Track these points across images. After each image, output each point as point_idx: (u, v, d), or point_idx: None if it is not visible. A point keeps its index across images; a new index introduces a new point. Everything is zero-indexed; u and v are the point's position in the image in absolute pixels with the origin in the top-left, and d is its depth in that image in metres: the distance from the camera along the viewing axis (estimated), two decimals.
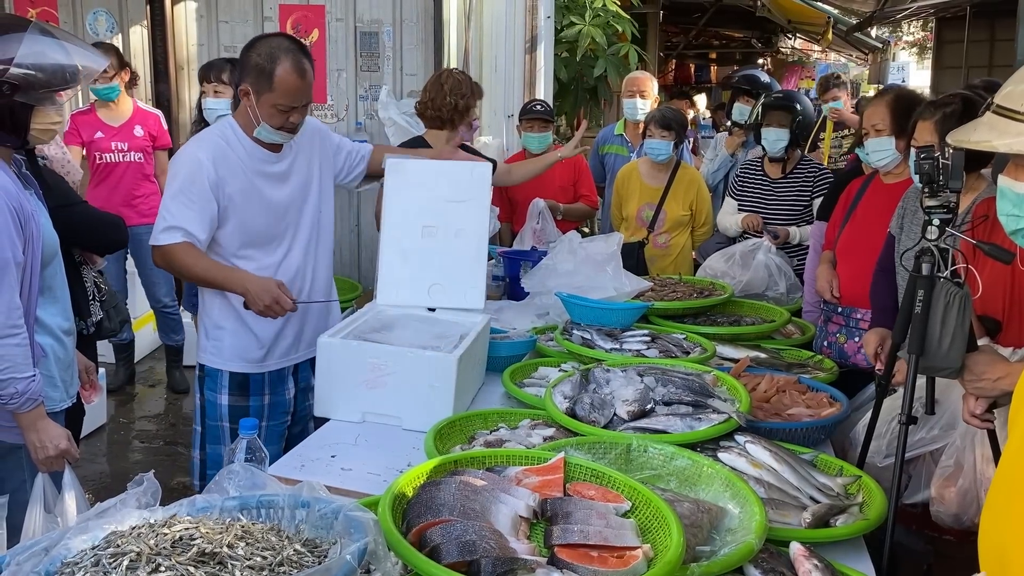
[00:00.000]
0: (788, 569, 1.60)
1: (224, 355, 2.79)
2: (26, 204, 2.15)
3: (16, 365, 2.10)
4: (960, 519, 2.15)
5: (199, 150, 2.64)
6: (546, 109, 4.55)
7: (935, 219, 2.05)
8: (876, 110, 3.14)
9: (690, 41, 16.19)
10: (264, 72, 2.57)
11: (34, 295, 2.23)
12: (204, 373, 2.83)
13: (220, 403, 2.80)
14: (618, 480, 1.71)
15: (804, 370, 2.84)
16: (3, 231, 2.07)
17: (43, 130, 2.18)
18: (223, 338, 2.78)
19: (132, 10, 5.89)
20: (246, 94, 2.61)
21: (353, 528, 1.29)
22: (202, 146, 2.66)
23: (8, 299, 2.08)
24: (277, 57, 2.58)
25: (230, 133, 2.69)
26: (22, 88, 2.07)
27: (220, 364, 2.79)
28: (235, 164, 2.66)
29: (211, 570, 1.15)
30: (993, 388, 1.91)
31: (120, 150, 4.82)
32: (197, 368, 2.86)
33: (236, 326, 2.76)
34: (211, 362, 2.81)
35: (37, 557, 1.24)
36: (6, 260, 2.08)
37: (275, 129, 2.64)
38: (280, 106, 2.60)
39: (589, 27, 7.33)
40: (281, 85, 2.57)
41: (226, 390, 2.80)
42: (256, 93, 2.59)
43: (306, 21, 5.60)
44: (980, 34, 11.63)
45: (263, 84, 2.58)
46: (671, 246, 4.37)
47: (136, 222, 4.79)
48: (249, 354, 2.79)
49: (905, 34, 20.33)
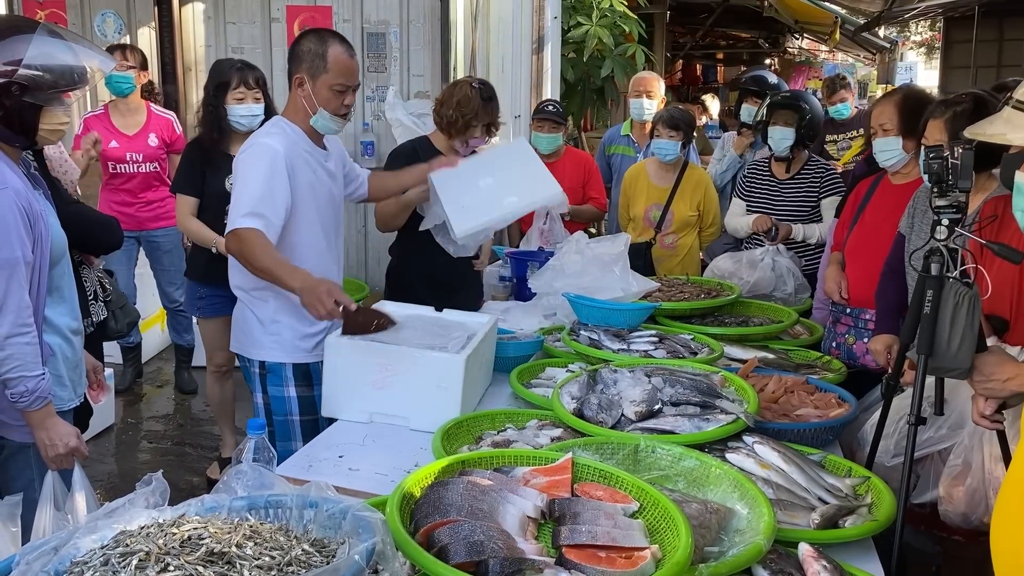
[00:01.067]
0: (797, 570, 1.59)
1: (286, 348, 2.80)
2: (35, 204, 2.17)
3: (26, 364, 2.12)
4: (968, 518, 2.14)
5: (271, 139, 2.68)
6: (557, 110, 4.54)
7: (944, 219, 2.04)
8: (884, 110, 3.13)
9: (697, 41, 16.15)
10: (318, 55, 2.67)
11: (42, 294, 2.24)
12: (266, 370, 2.83)
13: (288, 396, 2.82)
14: (626, 480, 1.70)
15: (812, 371, 2.83)
16: (12, 230, 2.08)
17: (51, 130, 2.20)
18: (281, 332, 2.79)
19: (140, 11, 5.91)
20: (301, 83, 2.70)
21: (361, 528, 1.29)
22: (272, 137, 2.69)
23: (18, 298, 2.10)
24: (327, 40, 2.71)
25: (288, 128, 2.74)
26: (30, 89, 2.09)
27: (283, 357, 2.81)
28: (300, 156, 2.72)
29: (220, 570, 1.16)
30: (1003, 389, 1.90)
31: (135, 161, 4.75)
32: (256, 366, 2.85)
33: (291, 319, 2.77)
34: (273, 356, 2.82)
35: (46, 556, 1.24)
36: (16, 259, 2.09)
37: (332, 115, 2.72)
38: (336, 86, 2.69)
39: (596, 27, 7.31)
40: (335, 65, 2.68)
41: (292, 382, 2.82)
42: (312, 78, 2.68)
43: (313, 22, 5.61)
44: (989, 34, 11.58)
45: (318, 66, 2.67)
46: (678, 246, 4.37)
47: (153, 226, 4.80)
48: (307, 343, 2.81)
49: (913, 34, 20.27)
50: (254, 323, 2.84)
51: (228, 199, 3.71)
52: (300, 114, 2.74)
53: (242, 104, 3.74)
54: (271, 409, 2.86)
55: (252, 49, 5.65)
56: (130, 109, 4.80)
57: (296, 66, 2.72)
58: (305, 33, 2.79)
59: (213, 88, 3.77)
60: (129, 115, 4.79)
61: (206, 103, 3.80)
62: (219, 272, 3.73)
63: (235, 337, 2.94)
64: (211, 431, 4.66)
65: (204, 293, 3.90)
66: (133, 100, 4.79)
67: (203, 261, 3.83)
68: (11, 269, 2.08)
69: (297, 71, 2.71)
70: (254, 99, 3.76)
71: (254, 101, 3.76)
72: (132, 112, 4.80)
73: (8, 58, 2.06)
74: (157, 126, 4.82)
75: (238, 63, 3.84)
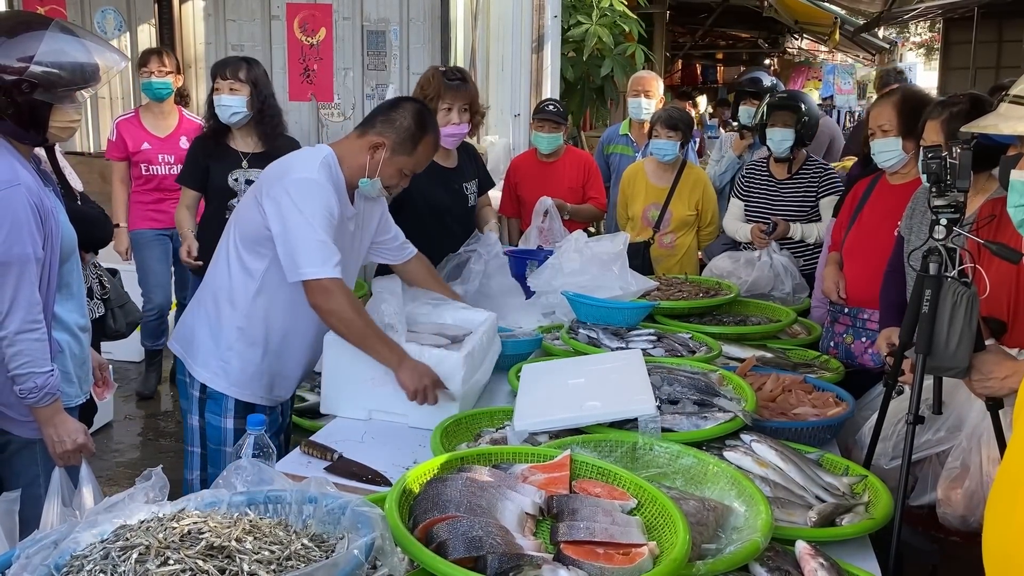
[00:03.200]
0: (794, 568, 1.60)
1: (231, 380, 2.60)
2: (46, 200, 2.17)
3: (35, 360, 2.12)
4: (967, 521, 2.14)
5: (322, 176, 2.45)
6: (558, 110, 4.53)
7: (942, 219, 2.05)
8: (882, 111, 3.14)
9: (697, 41, 16.19)
10: (412, 137, 2.55)
11: (52, 291, 2.25)
12: (206, 395, 2.62)
13: (225, 427, 2.63)
14: (624, 478, 1.71)
15: (810, 370, 2.84)
16: (24, 227, 2.08)
17: (62, 128, 2.19)
18: (231, 360, 2.59)
19: (140, 9, 5.91)
20: (378, 147, 2.53)
21: (360, 523, 1.30)
22: (322, 174, 2.46)
23: (28, 295, 2.10)
24: (427, 127, 2.60)
25: (334, 170, 2.52)
26: (42, 86, 2.08)
27: (226, 389, 2.60)
28: (338, 199, 2.51)
29: (220, 564, 1.16)
30: (1001, 387, 1.91)
31: (167, 163, 4.72)
32: (197, 388, 2.63)
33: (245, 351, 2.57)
34: (216, 384, 2.60)
35: (46, 550, 1.25)
36: (27, 256, 2.09)
37: (382, 187, 2.60)
38: (407, 170, 2.60)
39: (596, 27, 7.33)
40: (422, 156, 2.61)
41: (232, 414, 2.62)
42: (392, 152, 2.54)
43: (313, 20, 5.62)
44: (988, 35, 11.60)
45: (406, 147, 2.55)
46: (676, 246, 4.37)
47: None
48: (255, 384, 2.62)
49: (912, 35, 20.29)
50: (205, 337, 2.61)
51: (231, 194, 3.77)
52: (354, 168, 2.54)
53: (219, 95, 3.78)
54: (205, 435, 2.65)
55: (252, 47, 5.66)
56: (163, 112, 4.78)
57: (384, 129, 2.55)
58: (409, 103, 2.65)
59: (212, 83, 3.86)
60: (161, 118, 4.78)
61: (209, 97, 3.88)
62: None
63: (180, 335, 2.71)
64: None
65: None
66: (167, 104, 4.78)
67: (202, 254, 3.83)
68: (22, 266, 2.09)
69: (382, 135, 2.54)
70: (229, 90, 3.78)
71: (229, 92, 3.78)
72: (164, 115, 4.79)
73: (20, 54, 2.05)
74: (188, 129, 4.79)
75: (232, 57, 3.92)
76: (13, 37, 2.07)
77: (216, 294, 2.61)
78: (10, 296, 2.08)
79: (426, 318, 2.78)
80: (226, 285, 2.58)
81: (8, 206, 2.06)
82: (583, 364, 2.50)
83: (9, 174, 2.09)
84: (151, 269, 4.81)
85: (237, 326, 2.57)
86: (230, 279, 2.56)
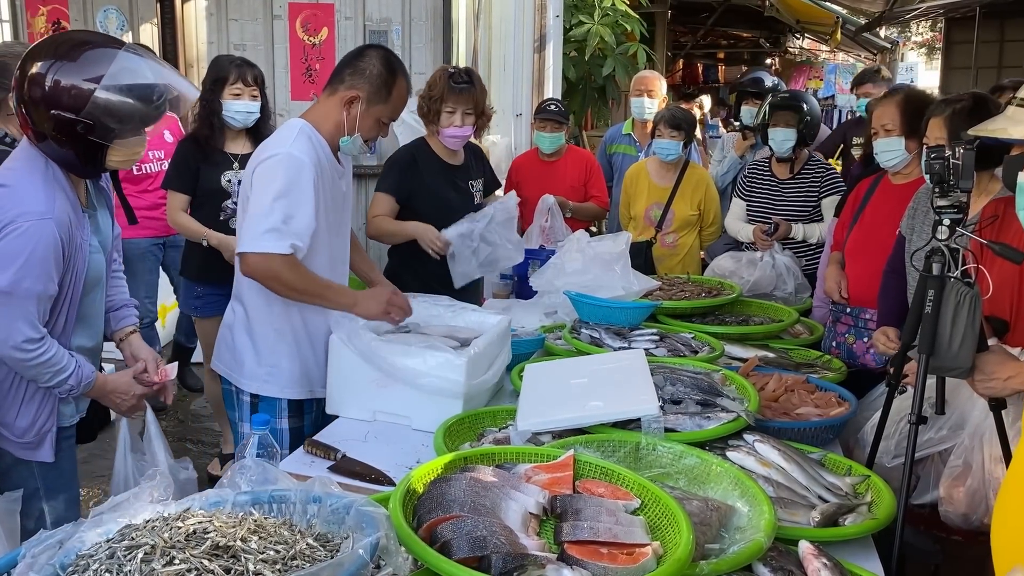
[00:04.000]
0: (797, 568, 1.60)
1: (282, 383, 2.61)
2: (76, 234, 2.13)
3: (56, 369, 2.13)
4: (969, 519, 2.15)
5: (298, 151, 2.43)
6: (559, 109, 4.53)
7: (945, 219, 2.05)
8: (886, 110, 3.14)
9: (698, 41, 16.17)
10: (384, 83, 2.53)
11: (71, 324, 2.22)
12: (258, 400, 2.63)
13: (281, 428, 2.64)
14: (628, 478, 1.71)
15: (813, 370, 2.84)
16: (39, 264, 2.04)
17: (123, 160, 2.16)
18: (280, 363, 2.60)
19: (142, 8, 5.91)
20: (353, 101, 2.51)
21: (365, 523, 1.30)
22: (298, 147, 2.44)
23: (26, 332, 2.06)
24: (396, 71, 2.56)
25: (314, 139, 2.50)
26: (97, 128, 2.05)
27: (278, 392, 2.61)
28: (323, 167, 2.50)
29: (225, 563, 1.16)
30: (1004, 388, 1.91)
31: (157, 159, 4.60)
32: (247, 396, 2.64)
33: (292, 352, 2.60)
34: (267, 391, 2.61)
35: (51, 550, 1.25)
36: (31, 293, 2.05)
37: (363, 142, 2.58)
38: (384, 119, 2.58)
39: (598, 26, 7.33)
40: (397, 100, 2.58)
41: (286, 414, 2.64)
42: (368, 102, 2.51)
43: (315, 20, 5.62)
44: (990, 35, 11.59)
45: (379, 96, 2.53)
46: (679, 246, 4.38)
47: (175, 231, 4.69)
48: (304, 381, 2.64)
49: (914, 34, 20.27)
50: (247, 351, 2.62)
51: (223, 196, 3.72)
52: (332, 127, 2.53)
53: (238, 100, 3.70)
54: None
55: (254, 46, 5.66)
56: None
57: (355, 81, 2.52)
58: (373, 50, 2.60)
59: (211, 83, 3.73)
60: None
61: (202, 98, 3.73)
62: (214, 269, 3.72)
63: (220, 356, 2.71)
64: (211, 427, 4.67)
65: (201, 292, 3.88)
66: None
67: (198, 259, 3.81)
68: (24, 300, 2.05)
69: (353, 88, 2.51)
70: (251, 96, 3.73)
71: (251, 99, 3.73)
72: None
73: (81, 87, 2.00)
74: (167, 124, 4.70)
75: (237, 60, 3.81)
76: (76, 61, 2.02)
77: (244, 301, 2.61)
78: (5, 329, 2.04)
79: (439, 320, 2.79)
80: (249, 288, 2.56)
81: (30, 239, 2.03)
82: (586, 364, 2.50)
83: (43, 206, 2.05)
84: (143, 281, 4.66)
85: (274, 328, 2.58)
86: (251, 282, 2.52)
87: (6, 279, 2.02)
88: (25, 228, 2.02)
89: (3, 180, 2.08)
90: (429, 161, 3.51)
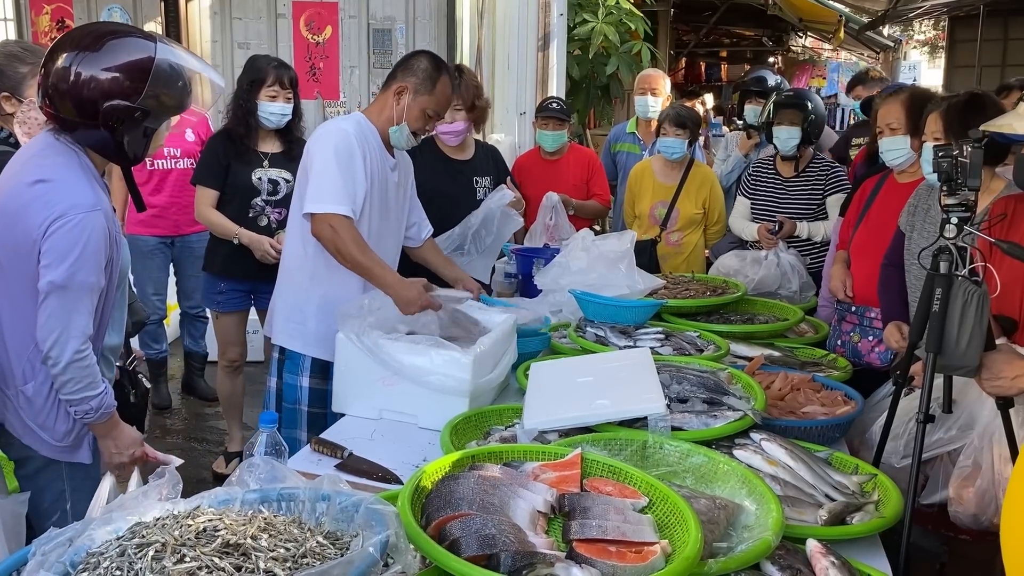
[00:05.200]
0: (805, 566, 1.60)
1: (307, 339, 2.83)
2: (113, 227, 2.13)
3: (86, 384, 2.08)
4: (979, 519, 2.14)
5: (345, 124, 2.75)
6: (561, 107, 4.52)
7: (953, 217, 2.05)
8: (891, 109, 3.13)
9: (701, 39, 16.16)
10: (430, 77, 2.78)
11: (107, 318, 2.21)
12: (284, 356, 2.88)
13: (301, 385, 2.85)
14: (635, 476, 1.71)
15: (818, 368, 2.83)
16: (93, 256, 2.04)
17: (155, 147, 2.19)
18: (306, 322, 2.82)
19: (146, 6, 5.92)
20: (402, 92, 2.77)
21: (374, 521, 1.30)
22: (346, 123, 2.77)
23: (82, 324, 2.05)
24: (442, 68, 2.83)
25: (364, 124, 2.80)
26: (152, 115, 2.07)
27: (302, 348, 2.84)
28: (371, 148, 2.76)
29: (235, 561, 1.16)
30: (1011, 387, 1.91)
31: (172, 156, 4.59)
32: (276, 351, 2.91)
33: (318, 312, 2.79)
34: (292, 345, 2.86)
35: (62, 548, 1.25)
36: (89, 285, 2.04)
37: (410, 133, 2.81)
38: (430, 111, 2.80)
39: (602, 25, 7.33)
40: (441, 94, 2.81)
41: (308, 373, 2.84)
42: (415, 93, 2.77)
43: (319, 18, 5.62)
44: (993, 33, 11.57)
45: (426, 87, 2.78)
46: (683, 244, 4.37)
47: (189, 230, 4.64)
48: (331, 341, 2.70)
49: (917, 33, 20.24)
50: (280, 307, 2.90)
51: (253, 193, 3.74)
52: (383, 118, 2.81)
53: (274, 102, 3.72)
54: (282, 395, 2.88)
55: (258, 45, 5.67)
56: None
57: (405, 76, 2.80)
58: (425, 52, 2.91)
59: (247, 83, 3.74)
60: None
61: (237, 97, 3.76)
62: (238, 266, 3.75)
63: (268, 319, 3.01)
64: (217, 426, 4.67)
65: (224, 287, 3.88)
66: None
67: (222, 255, 3.82)
68: (81, 293, 2.04)
69: (404, 80, 2.79)
70: (286, 99, 3.74)
71: (285, 101, 3.74)
72: None
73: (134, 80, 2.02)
74: (192, 123, 4.67)
75: (274, 61, 3.81)
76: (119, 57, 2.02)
77: (288, 266, 2.90)
78: (63, 323, 2.03)
79: (448, 316, 2.78)
80: (292, 254, 2.86)
81: (84, 231, 2.02)
82: (591, 362, 2.50)
83: (92, 199, 2.05)
84: (150, 279, 4.66)
85: (304, 287, 2.83)
86: (296, 249, 2.84)
87: (61, 273, 2.00)
88: (78, 221, 2.01)
89: (44, 176, 2.05)
90: (431, 153, 3.65)
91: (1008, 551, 1.30)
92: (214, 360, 4.35)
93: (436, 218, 3.38)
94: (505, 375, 2.62)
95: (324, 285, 2.81)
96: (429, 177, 3.47)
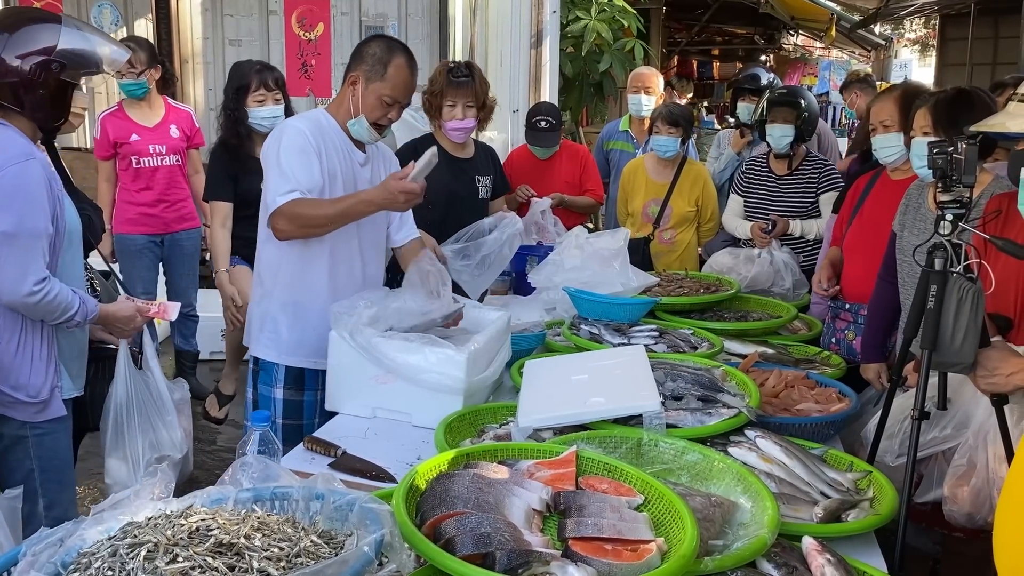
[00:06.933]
0: (801, 563, 1.59)
1: (280, 348, 2.75)
2: (55, 182, 2.23)
3: (62, 311, 2.23)
4: (973, 518, 2.14)
5: (297, 122, 2.68)
6: (551, 124, 4.42)
7: (948, 214, 2.05)
8: (884, 106, 3.14)
9: (693, 37, 16.18)
10: (380, 62, 2.64)
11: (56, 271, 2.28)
12: (258, 367, 2.81)
13: (275, 397, 2.77)
14: (631, 474, 1.70)
15: (812, 366, 2.83)
16: (37, 202, 2.14)
17: (75, 114, 2.31)
18: (278, 330, 2.75)
19: (137, 3, 5.89)
20: (354, 82, 2.65)
21: (369, 520, 1.29)
22: (299, 121, 2.69)
23: (39, 268, 2.16)
24: (394, 50, 2.67)
25: (324, 120, 2.71)
26: (69, 67, 2.21)
27: (275, 357, 2.76)
28: (331, 144, 2.67)
29: (229, 561, 1.15)
30: (1006, 384, 1.91)
31: (158, 153, 4.57)
32: (251, 361, 2.84)
33: (292, 320, 2.73)
34: (266, 355, 2.78)
35: (53, 548, 1.24)
36: (38, 231, 2.15)
37: (370, 124, 2.67)
38: (386, 98, 2.65)
39: (595, 22, 7.32)
40: (394, 77, 2.64)
41: (281, 384, 2.77)
42: (366, 81, 2.64)
43: (311, 15, 5.60)
44: (984, 31, 11.60)
45: (376, 72, 2.64)
46: (676, 242, 4.37)
47: (177, 228, 4.63)
48: (305, 348, 2.74)
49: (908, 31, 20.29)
50: (254, 319, 2.82)
51: None
52: (342, 112, 2.70)
53: (262, 106, 3.70)
54: (258, 406, 2.81)
55: (250, 42, 5.65)
56: (148, 104, 4.61)
57: (355, 65, 2.68)
58: (376, 37, 2.80)
59: (233, 92, 3.72)
60: (147, 109, 4.61)
61: (226, 107, 3.74)
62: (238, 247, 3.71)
63: (247, 327, 2.95)
64: (209, 424, 4.65)
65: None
66: (149, 97, 4.60)
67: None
68: (33, 239, 2.15)
69: (355, 70, 2.67)
70: (274, 100, 3.73)
71: (274, 102, 3.73)
72: (150, 107, 4.62)
73: (45, 43, 2.19)
74: (177, 118, 4.67)
75: (257, 65, 3.79)
76: (33, 26, 2.21)
77: (260, 274, 2.81)
78: (20, 267, 2.13)
79: None
80: (265, 261, 2.77)
81: (23, 179, 2.12)
82: (586, 360, 2.49)
83: (26, 148, 2.16)
84: (140, 278, 4.61)
85: (275, 296, 2.75)
86: (264, 255, 2.76)
87: (9, 221, 2.11)
88: (12, 171, 2.12)
89: None
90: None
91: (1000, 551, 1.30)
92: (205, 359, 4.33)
93: (440, 216, 3.36)
94: (499, 373, 2.61)
95: (296, 291, 2.72)
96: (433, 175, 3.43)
